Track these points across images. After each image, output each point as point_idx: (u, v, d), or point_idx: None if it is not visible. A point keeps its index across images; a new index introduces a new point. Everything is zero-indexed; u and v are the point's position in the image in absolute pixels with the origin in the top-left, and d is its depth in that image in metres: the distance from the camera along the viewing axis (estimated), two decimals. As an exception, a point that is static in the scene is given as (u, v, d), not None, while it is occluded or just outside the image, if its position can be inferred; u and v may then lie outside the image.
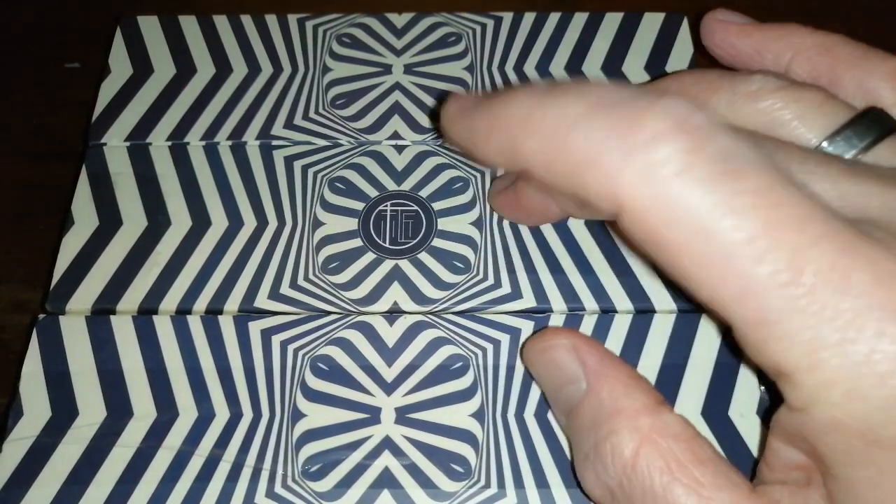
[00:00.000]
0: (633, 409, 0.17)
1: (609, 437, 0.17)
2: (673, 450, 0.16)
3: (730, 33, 0.20)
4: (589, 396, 0.18)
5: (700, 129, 0.14)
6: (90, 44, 0.29)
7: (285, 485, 0.20)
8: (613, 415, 0.17)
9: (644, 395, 0.17)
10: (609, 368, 0.18)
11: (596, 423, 0.17)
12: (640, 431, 0.16)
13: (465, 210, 0.24)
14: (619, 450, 0.16)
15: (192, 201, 0.24)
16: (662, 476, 0.16)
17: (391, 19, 0.27)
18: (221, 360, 0.21)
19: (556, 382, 0.19)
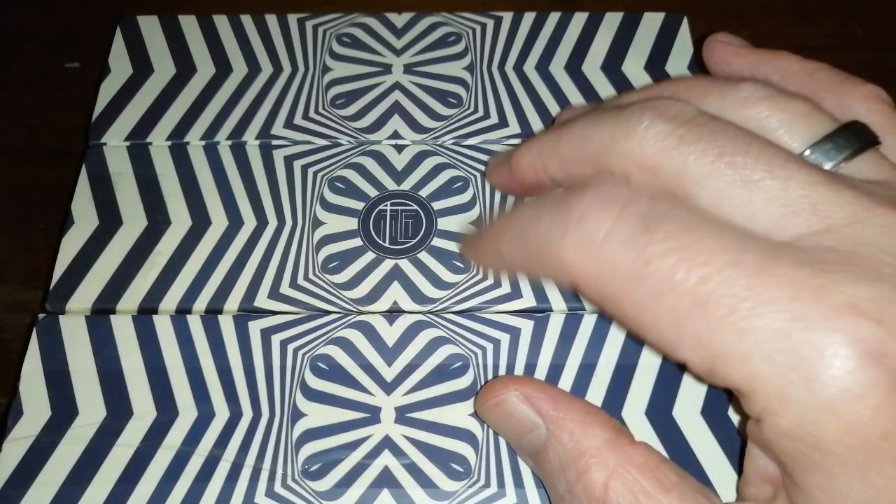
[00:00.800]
0: (596, 448, 0.17)
1: (580, 479, 0.17)
2: (639, 481, 0.17)
3: (727, 53, 0.22)
4: (551, 442, 0.18)
5: (620, 199, 0.16)
6: (90, 44, 0.29)
7: (285, 484, 0.20)
8: (578, 456, 0.17)
9: (603, 431, 0.18)
10: (564, 411, 0.18)
11: (563, 467, 0.18)
12: (606, 468, 0.17)
13: (465, 210, 0.24)
14: (591, 487, 0.17)
15: (192, 201, 0.24)
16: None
17: (391, 19, 0.27)
18: (221, 360, 0.21)
19: (516, 433, 0.19)
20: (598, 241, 0.16)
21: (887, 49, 0.29)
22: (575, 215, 0.17)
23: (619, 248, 0.16)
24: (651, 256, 0.16)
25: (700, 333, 0.15)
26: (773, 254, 0.15)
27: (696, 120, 0.17)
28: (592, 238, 0.16)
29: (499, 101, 0.26)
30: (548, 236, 0.17)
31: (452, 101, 0.26)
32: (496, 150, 0.25)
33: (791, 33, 0.24)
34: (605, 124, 0.18)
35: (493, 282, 0.22)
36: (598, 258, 0.16)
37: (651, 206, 0.16)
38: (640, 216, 0.16)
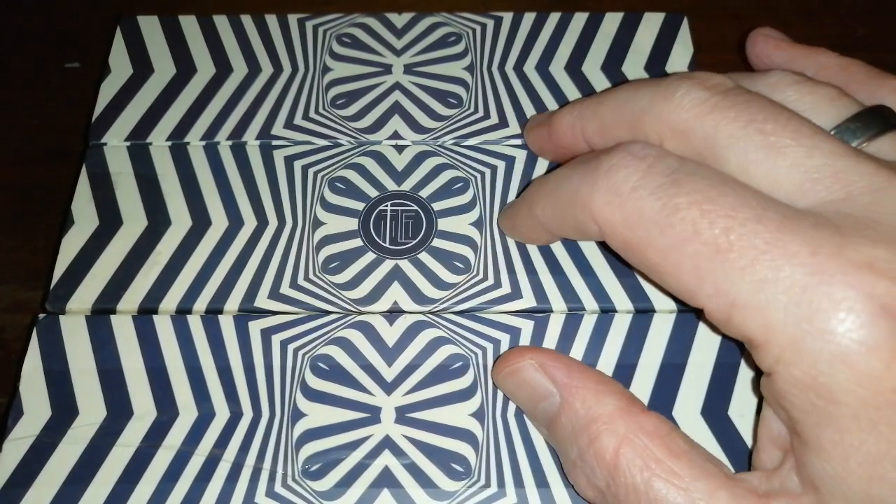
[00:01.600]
0: (608, 415, 0.18)
1: (591, 444, 0.18)
2: (649, 447, 0.17)
3: (768, 46, 0.23)
4: (564, 409, 0.19)
5: (650, 156, 0.17)
6: (90, 44, 0.29)
7: (285, 484, 0.20)
8: (590, 423, 0.18)
9: (615, 399, 0.18)
10: (578, 380, 0.19)
11: (576, 433, 0.18)
12: (617, 434, 0.17)
13: (465, 210, 0.24)
14: (602, 453, 0.17)
15: (192, 201, 0.24)
16: (642, 472, 0.17)
17: (391, 19, 0.27)
18: (221, 360, 0.21)
19: (530, 400, 0.20)
20: (626, 190, 0.17)
21: (887, 49, 0.29)
22: (605, 168, 0.18)
23: (646, 198, 0.17)
24: (677, 206, 0.16)
25: (720, 282, 0.16)
26: (795, 214, 0.16)
27: (732, 91, 0.18)
28: (620, 188, 0.17)
29: (499, 101, 0.26)
30: (578, 188, 0.18)
31: (452, 101, 0.26)
32: (496, 151, 0.25)
33: (791, 33, 0.24)
34: (646, 90, 0.19)
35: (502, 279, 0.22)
36: (626, 207, 0.17)
37: (679, 164, 0.17)
38: (669, 171, 0.17)
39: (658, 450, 0.17)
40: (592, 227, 0.18)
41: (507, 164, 0.24)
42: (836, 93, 0.19)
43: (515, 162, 0.24)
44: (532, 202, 0.21)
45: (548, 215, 0.20)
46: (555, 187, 0.20)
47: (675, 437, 0.17)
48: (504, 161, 0.24)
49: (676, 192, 0.17)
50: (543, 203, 0.20)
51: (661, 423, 0.18)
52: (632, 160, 0.18)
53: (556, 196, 0.19)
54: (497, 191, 0.24)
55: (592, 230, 0.18)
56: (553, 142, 0.23)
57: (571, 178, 0.19)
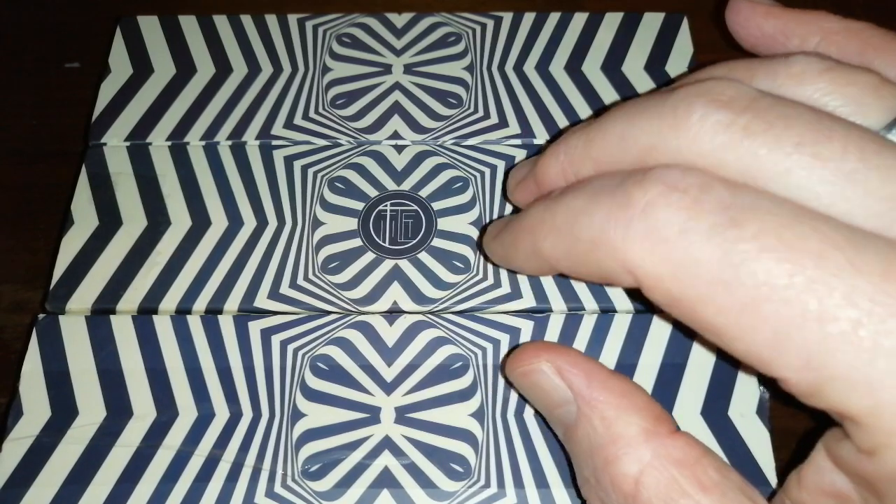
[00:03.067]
0: (630, 437, 0.16)
1: (608, 468, 0.16)
2: (676, 478, 0.15)
3: (756, 14, 0.19)
4: (581, 422, 0.17)
5: (694, 186, 0.14)
6: (90, 44, 0.29)
7: (285, 484, 0.20)
8: (609, 443, 0.16)
9: (640, 419, 0.16)
10: (598, 391, 0.17)
11: (592, 451, 0.16)
12: (640, 461, 0.16)
13: (464, 210, 0.24)
14: (620, 480, 0.16)
15: (192, 201, 0.24)
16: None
17: (391, 19, 0.27)
18: (221, 360, 0.21)
19: (545, 405, 0.18)
20: (672, 236, 0.14)
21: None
22: (639, 206, 0.14)
23: (700, 245, 0.14)
24: (743, 256, 0.13)
25: (811, 351, 0.13)
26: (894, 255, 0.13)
27: (758, 103, 0.15)
28: (664, 233, 0.14)
29: (499, 101, 0.26)
30: (604, 231, 0.15)
31: (452, 101, 0.26)
32: (496, 151, 0.25)
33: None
34: (647, 118, 0.16)
35: (495, 282, 0.22)
36: (673, 257, 0.14)
37: (733, 195, 0.14)
38: (722, 207, 0.14)
39: (686, 481, 0.15)
40: (624, 278, 0.15)
41: (506, 163, 0.24)
42: (877, 80, 0.15)
43: (515, 162, 0.24)
44: (537, 235, 0.17)
45: (559, 255, 0.17)
46: (569, 223, 0.16)
47: (706, 465, 0.15)
48: (504, 161, 0.24)
49: (738, 234, 0.13)
50: (554, 240, 0.17)
51: (691, 448, 0.16)
52: (673, 194, 0.14)
53: (572, 235, 0.16)
54: (497, 190, 0.24)
55: (624, 280, 0.15)
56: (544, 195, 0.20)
57: (592, 215, 0.15)
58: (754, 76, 0.16)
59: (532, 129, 0.25)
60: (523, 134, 0.25)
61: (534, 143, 0.25)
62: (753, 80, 0.16)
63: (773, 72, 0.16)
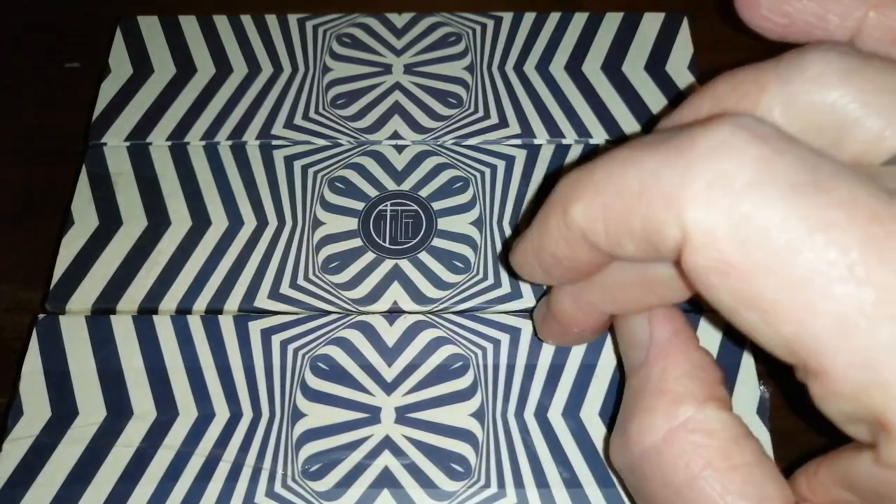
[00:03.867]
0: (677, 395, 0.15)
1: (641, 415, 0.16)
2: (705, 447, 0.15)
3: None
4: (644, 367, 0.16)
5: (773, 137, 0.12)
6: (90, 44, 0.29)
7: (285, 484, 0.20)
8: (655, 394, 0.16)
9: (696, 385, 0.16)
10: (674, 348, 0.16)
11: (637, 396, 0.16)
12: (676, 419, 0.15)
13: (465, 210, 0.24)
14: (646, 431, 0.15)
15: (192, 201, 0.24)
16: (687, 472, 0.15)
17: (391, 19, 0.27)
18: (221, 360, 0.21)
19: (624, 341, 0.18)
20: (742, 187, 0.12)
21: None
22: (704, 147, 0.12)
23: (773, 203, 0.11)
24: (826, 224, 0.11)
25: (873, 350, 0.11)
26: None
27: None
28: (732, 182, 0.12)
29: (499, 101, 0.26)
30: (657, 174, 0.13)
31: (452, 101, 0.26)
32: (496, 151, 0.25)
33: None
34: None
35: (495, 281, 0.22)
36: (738, 212, 0.12)
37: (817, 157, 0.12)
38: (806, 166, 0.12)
39: (714, 453, 0.15)
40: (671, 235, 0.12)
41: (506, 163, 0.24)
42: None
43: (515, 161, 0.24)
44: (568, 203, 0.14)
45: (594, 216, 0.14)
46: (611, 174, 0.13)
47: (743, 446, 0.15)
48: (504, 161, 0.24)
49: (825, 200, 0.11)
50: (591, 200, 0.14)
51: (733, 426, 0.15)
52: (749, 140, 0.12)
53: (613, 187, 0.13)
54: (497, 190, 0.24)
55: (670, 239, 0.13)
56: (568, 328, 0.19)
57: (643, 161, 0.13)
58: (764, 89, 0.14)
59: (532, 129, 0.25)
60: (523, 134, 0.25)
61: (534, 142, 0.25)
62: (764, 93, 0.14)
63: (785, 79, 0.14)
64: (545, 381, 0.21)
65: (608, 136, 0.25)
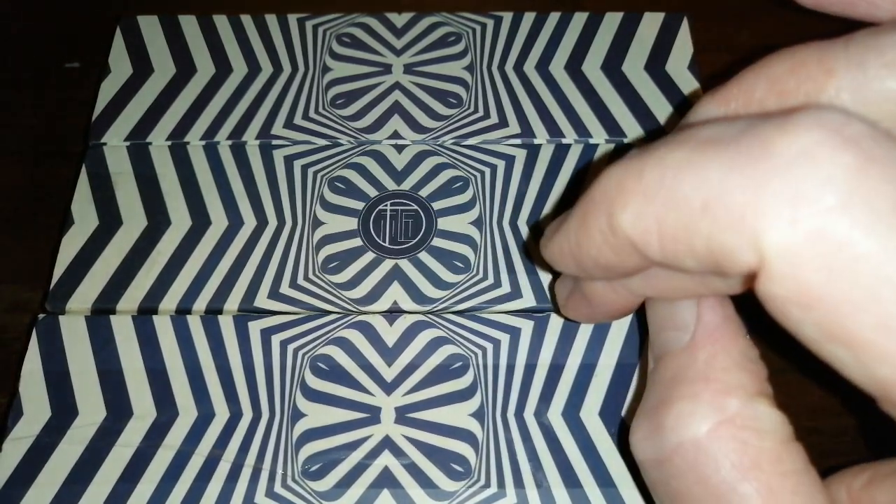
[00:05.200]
0: (726, 385, 0.14)
1: (681, 401, 0.14)
2: (755, 447, 0.13)
3: None
4: (687, 351, 0.15)
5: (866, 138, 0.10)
6: (90, 44, 0.29)
7: (285, 484, 0.20)
8: (701, 381, 0.14)
9: (748, 378, 0.14)
10: (724, 335, 0.15)
11: (676, 381, 0.14)
12: (723, 412, 0.14)
13: (464, 209, 0.24)
14: (687, 422, 0.14)
15: (192, 201, 0.24)
16: (732, 471, 0.13)
17: (391, 19, 0.27)
18: (221, 360, 0.21)
19: (661, 322, 0.16)
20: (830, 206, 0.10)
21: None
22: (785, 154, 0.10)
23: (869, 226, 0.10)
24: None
25: None
26: None
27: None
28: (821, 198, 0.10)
29: (499, 101, 0.26)
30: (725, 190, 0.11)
31: (452, 101, 0.26)
32: (496, 150, 0.25)
33: (792, 32, 0.24)
34: None
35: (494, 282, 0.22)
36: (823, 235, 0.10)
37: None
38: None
39: (764, 455, 0.13)
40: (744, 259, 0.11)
41: (506, 163, 0.24)
42: None
43: (515, 161, 0.24)
44: (616, 206, 0.13)
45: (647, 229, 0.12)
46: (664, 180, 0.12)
47: (793, 452, 0.13)
48: (504, 160, 0.24)
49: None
50: (643, 208, 0.12)
51: (783, 427, 0.14)
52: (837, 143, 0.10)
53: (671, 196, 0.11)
54: (497, 190, 0.24)
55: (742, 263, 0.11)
56: (600, 309, 0.17)
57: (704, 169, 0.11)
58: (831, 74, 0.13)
59: (532, 129, 0.25)
60: (523, 134, 0.25)
61: (534, 142, 0.25)
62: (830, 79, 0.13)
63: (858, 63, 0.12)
64: (545, 381, 0.21)
65: (608, 136, 0.25)
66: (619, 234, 0.13)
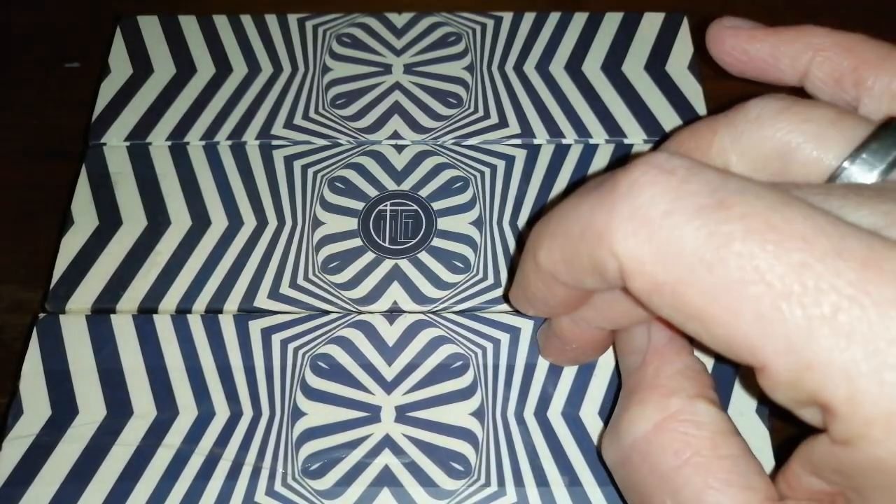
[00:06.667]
0: (669, 389, 0.17)
1: (633, 408, 0.17)
2: (694, 436, 0.16)
3: (741, 39, 0.19)
4: (640, 367, 0.18)
5: (680, 168, 0.14)
6: (90, 44, 0.29)
7: (285, 483, 0.20)
8: (648, 388, 0.17)
9: (688, 383, 0.17)
10: (669, 349, 0.18)
11: (630, 393, 0.17)
12: (666, 410, 0.16)
13: (464, 210, 0.24)
14: (636, 421, 0.16)
15: (192, 201, 0.24)
16: (675, 459, 0.16)
17: (391, 19, 0.27)
18: (221, 359, 0.21)
19: (622, 349, 0.19)
20: (656, 217, 0.13)
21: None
22: (623, 187, 0.14)
23: (684, 226, 0.13)
24: (729, 237, 0.13)
25: (792, 335, 0.12)
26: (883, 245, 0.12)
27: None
28: (648, 214, 0.14)
29: (499, 101, 0.26)
30: (591, 217, 0.14)
31: (452, 101, 0.26)
32: (496, 151, 0.25)
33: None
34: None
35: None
36: (657, 238, 0.13)
37: (722, 179, 0.14)
38: (710, 189, 0.13)
39: (701, 443, 0.16)
40: (612, 266, 0.14)
41: (506, 163, 0.24)
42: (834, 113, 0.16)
43: (515, 161, 0.24)
44: (535, 248, 0.17)
45: (555, 259, 0.16)
46: (560, 221, 0.16)
47: (730, 440, 0.16)
48: (504, 160, 0.24)
49: (725, 216, 0.13)
50: (549, 245, 0.16)
51: (721, 421, 0.16)
52: (658, 175, 0.14)
53: (563, 232, 0.15)
54: (497, 190, 0.24)
55: (612, 270, 0.14)
56: (570, 346, 0.20)
57: (580, 207, 0.15)
58: (716, 131, 0.17)
59: (532, 129, 0.25)
60: (523, 134, 0.25)
61: (534, 142, 0.25)
62: (716, 135, 0.17)
63: (732, 123, 0.17)
64: (545, 380, 0.21)
65: (608, 137, 0.25)
66: (542, 269, 0.16)
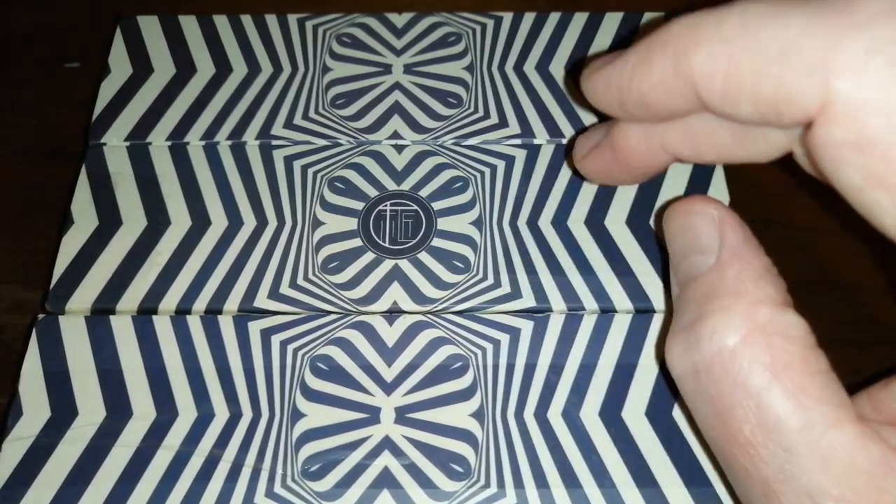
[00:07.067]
0: (756, 297, 0.15)
1: (715, 314, 0.15)
2: (785, 350, 0.15)
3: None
4: (714, 270, 0.16)
5: None
6: (90, 44, 0.29)
7: (285, 484, 0.20)
8: (732, 295, 0.15)
9: (774, 290, 0.15)
10: (748, 252, 0.16)
11: (708, 297, 0.16)
12: (754, 321, 0.15)
13: (464, 210, 0.24)
14: (723, 332, 0.15)
15: (192, 201, 0.24)
16: (764, 373, 0.14)
17: (391, 19, 0.27)
18: (221, 360, 0.21)
19: (685, 249, 0.17)
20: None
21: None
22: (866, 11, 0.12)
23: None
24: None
25: None
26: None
27: None
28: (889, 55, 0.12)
29: (499, 101, 0.26)
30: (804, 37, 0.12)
31: (452, 101, 0.26)
32: (496, 151, 0.25)
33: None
34: None
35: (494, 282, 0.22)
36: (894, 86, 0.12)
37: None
38: None
39: (793, 357, 0.14)
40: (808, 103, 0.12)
41: (506, 163, 0.24)
42: None
43: (515, 161, 0.24)
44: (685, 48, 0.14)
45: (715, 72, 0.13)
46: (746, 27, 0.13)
47: (819, 355, 0.15)
48: (504, 161, 0.24)
49: None
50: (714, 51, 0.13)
51: (809, 334, 0.15)
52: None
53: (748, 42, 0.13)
54: (497, 190, 0.24)
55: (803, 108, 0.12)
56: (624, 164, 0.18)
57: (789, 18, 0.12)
58: None
59: (532, 129, 0.25)
60: (523, 134, 0.25)
61: (534, 142, 0.25)
62: None
63: None
64: (545, 381, 0.21)
65: (608, 136, 0.25)
66: (683, 75, 0.14)
